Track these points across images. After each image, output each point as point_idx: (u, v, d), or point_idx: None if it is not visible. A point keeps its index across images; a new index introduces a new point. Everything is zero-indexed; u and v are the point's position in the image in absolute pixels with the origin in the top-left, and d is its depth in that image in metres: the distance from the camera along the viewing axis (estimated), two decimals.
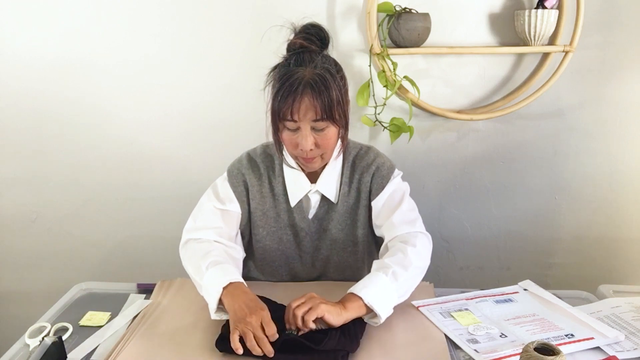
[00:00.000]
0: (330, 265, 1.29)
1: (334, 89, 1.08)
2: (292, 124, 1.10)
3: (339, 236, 1.27)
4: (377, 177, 1.24)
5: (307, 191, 1.24)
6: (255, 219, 1.27)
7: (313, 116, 1.08)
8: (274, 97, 1.10)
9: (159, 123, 1.75)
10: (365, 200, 1.26)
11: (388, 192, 1.24)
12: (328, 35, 1.17)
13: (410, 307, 1.15)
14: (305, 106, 1.07)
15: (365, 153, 1.28)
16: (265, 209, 1.26)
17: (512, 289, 1.23)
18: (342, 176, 1.26)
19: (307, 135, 1.10)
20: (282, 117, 1.10)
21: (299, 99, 1.07)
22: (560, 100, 1.70)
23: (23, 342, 1.05)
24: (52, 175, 1.80)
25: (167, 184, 1.81)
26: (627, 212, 1.81)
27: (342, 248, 1.28)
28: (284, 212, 1.26)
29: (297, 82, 1.07)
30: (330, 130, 1.12)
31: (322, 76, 1.08)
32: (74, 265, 1.90)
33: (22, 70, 1.70)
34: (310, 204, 1.26)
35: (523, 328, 1.05)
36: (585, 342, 1.01)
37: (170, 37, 1.66)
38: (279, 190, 1.26)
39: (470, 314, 1.11)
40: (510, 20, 1.62)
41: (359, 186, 1.25)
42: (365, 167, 1.25)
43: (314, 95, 1.07)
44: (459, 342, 1.02)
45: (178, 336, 1.04)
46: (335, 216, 1.26)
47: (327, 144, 1.13)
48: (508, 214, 1.83)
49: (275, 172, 1.26)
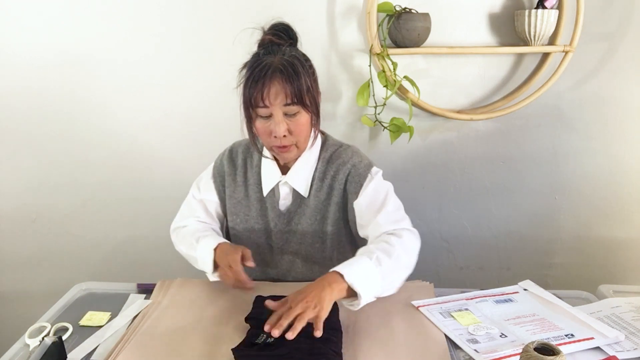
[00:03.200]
0: (298, 259, 1.30)
1: (303, 74, 1.11)
2: (264, 110, 1.12)
3: (307, 231, 1.27)
4: (353, 175, 1.23)
5: (277, 181, 1.26)
6: (229, 207, 1.31)
7: (284, 100, 1.10)
8: (245, 85, 1.13)
9: (159, 123, 1.75)
10: (337, 198, 1.24)
11: (370, 192, 1.21)
12: (296, 34, 1.20)
13: (410, 307, 1.15)
14: (276, 90, 1.10)
15: (343, 151, 1.27)
16: (240, 198, 1.30)
17: (512, 289, 1.23)
18: (316, 171, 1.26)
19: (280, 121, 1.12)
20: (254, 104, 1.12)
21: (268, 84, 1.09)
22: (560, 100, 1.70)
23: (23, 342, 1.05)
24: (52, 175, 1.80)
25: (167, 184, 1.81)
26: (627, 212, 1.81)
27: (310, 243, 1.28)
28: (256, 201, 1.29)
29: (267, 67, 1.10)
30: (302, 117, 1.14)
31: (291, 62, 1.11)
32: (74, 265, 1.90)
33: (22, 70, 1.70)
34: (281, 195, 1.27)
35: (523, 328, 1.05)
36: (585, 342, 1.01)
37: (170, 37, 1.66)
38: (254, 180, 1.29)
39: (470, 314, 1.11)
40: (510, 20, 1.62)
41: (332, 183, 1.25)
42: (340, 165, 1.24)
43: (283, 79, 1.09)
44: (459, 342, 1.01)
45: (178, 336, 1.04)
46: (307, 210, 1.26)
47: (300, 130, 1.15)
48: (508, 214, 1.83)
49: (253, 162, 1.30)
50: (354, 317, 1.10)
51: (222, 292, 1.22)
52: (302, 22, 1.63)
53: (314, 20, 1.63)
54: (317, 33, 1.64)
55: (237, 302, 1.16)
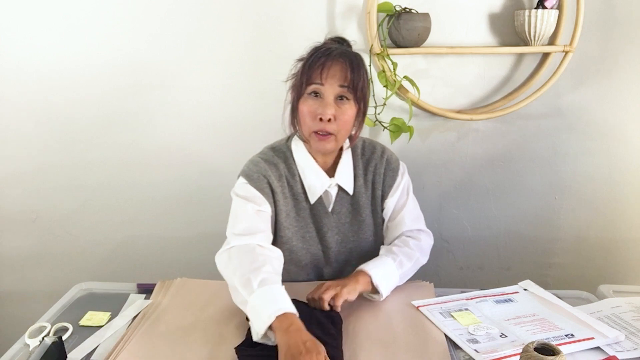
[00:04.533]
0: (352, 257, 1.30)
1: (363, 69, 1.15)
2: (318, 87, 1.13)
3: (360, 227, 1.29)
4: (388, 170, 1.29)
5: (328, 185, 1.25)
6: (281, 220, 1.24)
7: (340, 80, 1.12)
8: (304, 65, 1.15)
9: (159, 123, 1.75)
10: (379, 191, 1.29)
11: (400, 190, 1.29)
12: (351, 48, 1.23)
13: (410, 307, 1.15)
14: (335, 70, 1.12)
15: (372, 146, 1.32)
16: (288, 210, 1.25)
17: (512, 289, 1.24)
18: (356, 168, 1.29)
19: (329, 104, 1.13)
20: (309, 80, 1.13)
21: (329, 63, 1.12)
22: (560, 100, 1.70)
23: (23, 342, 1.05)
24: (52, 175, 1.80)
25: (167, 184, 1.81)
26: (627, 212, 1.81)
27: (364, 238, 1.29)
28: (304, 210, 1.26)
29: (332, 50, 1.14)
30: (350, 108, 1.15)
31: (356, 54, 1.17)
32: (74, 265, 1.90)
33: (22, 70, 1.70)
34: (330, 198, 1.27)
35: (523, 328, 1.06)
36: (585, 342, 1.01)
37: (170, 37, 1.66)
38: (298, 189, 1.25)
39: (471, 314, 1.11)
40: (510, 20, 1.62)
41: (373, 177, 1.29)
42: (377, 159, 1.29)
43: (345, 63, 1.13)
44: (459, 342, 1.02)
45: (178, 336, 1.04)
46: (355, 207, 1.28)
47: (344, 120, 1.15)
48: (508, 214, 1.83)
49: (291, 171, 1.25)
50: (354, 317, 1.10)
51: (223, 292, 1.22)
52: (302, 22, 1.64)
53: (314, 20, 1.63)
54: (317, 33, 1.64)
55: None
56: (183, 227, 1.85)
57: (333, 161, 1.27)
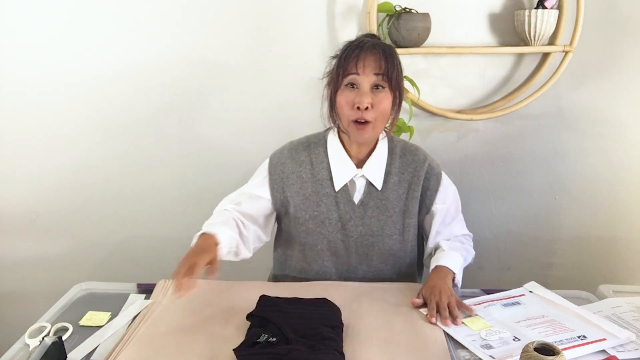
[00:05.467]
0: (374, 252, 1.30)
1: (397, 59, 1.20)
2: (354, 77, 1.17)
3: (386, 223, 1.29)
4: (430, 174, 1.31)
5: (353, 175, 1.28)
6: (297, 204, 1.29)
7: (375, 69, 1.16)
8: (339, 59, 1.20)
9: (159, 123, 1.75)
10: (418, 193, 1.31)
11: (451, 196, 1.35)
12: None
13: (411, 307, 1.15)
14: (370, 60, 1.16)
15: (415, 149, 1.35)
16: (308, 194, 1.29)
17: (518, 291, 1.22)
18: (390, 165, 1.30)
19: (366, 92, 1.17)
20: (345, 72, 1.18)
21: (364, 54, 1.17)
22: (560, 100, 1.70)
23: (23, 342, 1.05)
24: (52, 175, 1.80)
25: (167, 184, 1.81)
26: (627, 212, 1.81)
27: (389, 235, 1.30)
28: (327, 197, 1.29)
29: (365, 42, 1.19)
30: (386, 96, 1.19)
31: (389, 46, 1.21)
32: (74, 265, 1.90)
33: (22, 70, 1.70)
34: (356, 188, 1.29)
35: (535, 330, 1.04)
36: (597, 343, 1.00)
37: (169, 37, 1.66)
38: (323, 176, 1.29)
39: (481, 319, 1.10)
40: (510, 20, 1.62)
41: (411, 179, 1.30)
42: (419, 162, 1.32)
43: (380, 53, 1.17)
44: (472, 349, 1.00)
45: (178, 336, 1.04)
46: (384, 203, 1.29)
47: (382, 108, 1.19)
48: (508, 214, 1.83)
49: (318, 158, 1.30)
50: (354, 317, 1.10)
51: (223, 292, 1.22)
52: (302, 22, 1.64)
53: (314, 20, 1.63)
54: (317, 33, 1.64)
55: (237, 302, 1.16)
56: (183, 227, 1.83)
57: (366, 154, 1.28)
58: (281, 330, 1.00)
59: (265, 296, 1.12)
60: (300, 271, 1.34)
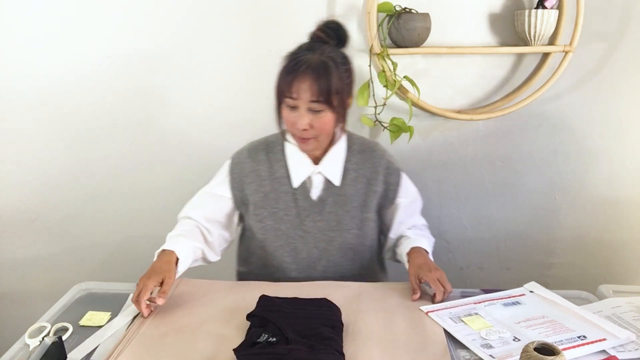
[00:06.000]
0: (333, 246, 1.32)
1: (335, 76, 1.18)
2: (291, 101, 1.19)
3: (344, 218, 1.31)
4: (391, 170, 1.35)
5: (311, 172, 1.30)
6: (256, 201, 1.33)
7: (310, 97, 1.17)
8: (280, 73, 1.21)
9: (160, 123, 1.75)
10: (376, 187, 1.33)
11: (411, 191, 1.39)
12: (346, 34, 1.27)
13: (410, 307, 1.15)
14: (305, 86, 1.16)
15: (374, 146, 1.38)
16: (266, 192, 1.32)
17: (518, 291, 1.23)
18: (348, 162, 1.33)
19: (303, 115, 1.19)
20: (283, 94, 1.19)
21: (299, 78, 1.16)
22: (560, 100, 1.70)
23: (23, 342, 1.05)
24: (53, 175, 1.80)
25: (167, 184, 1.81)
26: (627, 212, 1.81)
27: (347, 229, 1.32)
28: (286, 194, 1.32)
29: (301, 63, 1.17)
30: (327, 115, 1.20)
31: (325, 63, 1.18)
32: (74, 265, 1.90)
33: (22, 70, 1.70)
34: (313, 185, 1.31)
35: (535, 331, 1.04)
36: (598, 343, 1.00)
37: (170, 37, 1.66)
38: (281, 174, 1.32)
39: (481, 319, 1.10)
40: (510, 20, 1.62)
41: (370, 174, 1.33)
42: (377, 158, 1.35)
43: (313, 77, 1.16)
44: (472, 348, 1.00)
45: (178, 336, 1.04)
46: (342, 199, 1.32)
47: (322, 127, 1.22)
48: (508, 214, 1.83)
49: (277, 156, 1.33)
50: (354, 317, 1.10)
51: (223, 292, 1.22)
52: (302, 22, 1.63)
53: (314, 20, 1.62)
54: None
55: (237, 302, 1.16)
56: None
57: (324, 151, 1.31)
58: (281, 330, 1.00)
59: (265, 296, 1.12)
60: (262, 267, 1.36)
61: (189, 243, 1.27)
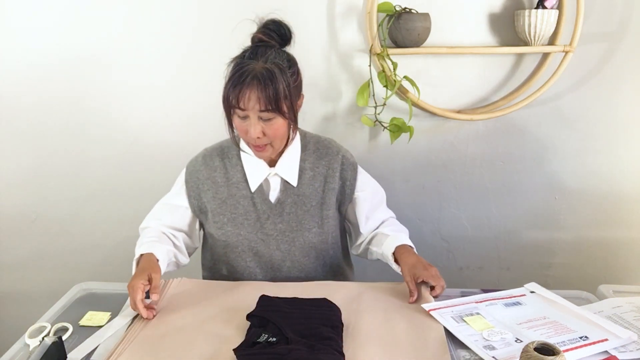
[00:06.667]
0: (295, 247, 1.32)
1: (281, 82, 1.16)
2: (241, 112, 1.18)
3: (304, 217, 1.31)
4: (346, 165, 1.34)
5: (267, 175, 1.30)
6: (214, 208, 1.32)
7: (259, 107, 1.15)
8: (225, 85, 1.18)
9: (160, 123, 1.75)
10: (335, 185, 1.34)
11: (371, 185, 1.39)
12: (289, 32, 1.24)
13: (410, 307, 1.15)
14: (252, 97, 1.15)
15: (328, 143, 1.37)
16: (224, 198, 1.31)
17: (519, 291, 1.22)
18: (304, 161, 1.33)
19: (254, 124, 1.18)
20: (231, 105, 1.18)
21: (246, 89, 1.14)
22: (560, 100, 1.70)
23: (23, 342, 1.05)
24: (52, 175, 1.80)
25: (167, 184, 1.79)
26: (627, 212, 1.81)
27: (308, 229, 1.32)
28: (244, 199, 1.31)
29: (246, 73, 1.15)
30: (278, 121, 1.19)
31: (270, 70, 1.15)
32: (74, 265, 1.90)
33: (22, 70, 1.70)
34: (271, 187, 1.31)
35: (537, 332, 1.04)
36: (600, 344, 0.99)
37: (173, 36, 1.66)
38: (238, 178, 1.32)
39: (482, 319, 1.09)
40: (510, 20, 1.62)
41: (327, 172, 1.33)
42: (332, 155, 1.34)
43: (259, 87, 1.14)
44: (475, 349, 0.99)
45: (178, 336, 1.04)
46: (301, 199, 1.31)
47: (275, 134, 1.20)
48: (508, 214, 1.83)
49: (232, 161, 1.33)
50: (354, 317, 1.10)
51: (223, 292, 1.22)
52: (302, 22, 1.63)
53: (314, 20, 1.63)
54: (317, 33, 1.64)
55: (237, 302, 1.16)
56: None
57: (279, 153, 1.30)
58: (281, 330, 1.00)
59: (265, 296, 1.12)
60: (228, 272, 1.36)
61: (162, 246, 1.26)
